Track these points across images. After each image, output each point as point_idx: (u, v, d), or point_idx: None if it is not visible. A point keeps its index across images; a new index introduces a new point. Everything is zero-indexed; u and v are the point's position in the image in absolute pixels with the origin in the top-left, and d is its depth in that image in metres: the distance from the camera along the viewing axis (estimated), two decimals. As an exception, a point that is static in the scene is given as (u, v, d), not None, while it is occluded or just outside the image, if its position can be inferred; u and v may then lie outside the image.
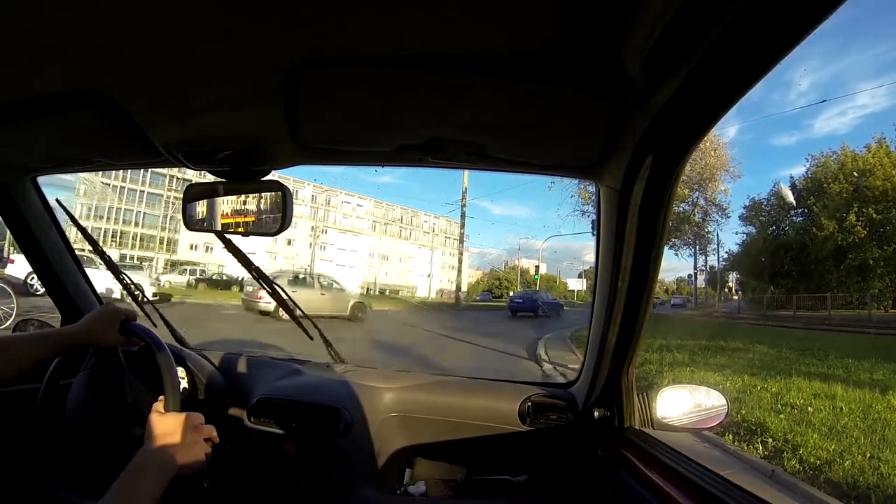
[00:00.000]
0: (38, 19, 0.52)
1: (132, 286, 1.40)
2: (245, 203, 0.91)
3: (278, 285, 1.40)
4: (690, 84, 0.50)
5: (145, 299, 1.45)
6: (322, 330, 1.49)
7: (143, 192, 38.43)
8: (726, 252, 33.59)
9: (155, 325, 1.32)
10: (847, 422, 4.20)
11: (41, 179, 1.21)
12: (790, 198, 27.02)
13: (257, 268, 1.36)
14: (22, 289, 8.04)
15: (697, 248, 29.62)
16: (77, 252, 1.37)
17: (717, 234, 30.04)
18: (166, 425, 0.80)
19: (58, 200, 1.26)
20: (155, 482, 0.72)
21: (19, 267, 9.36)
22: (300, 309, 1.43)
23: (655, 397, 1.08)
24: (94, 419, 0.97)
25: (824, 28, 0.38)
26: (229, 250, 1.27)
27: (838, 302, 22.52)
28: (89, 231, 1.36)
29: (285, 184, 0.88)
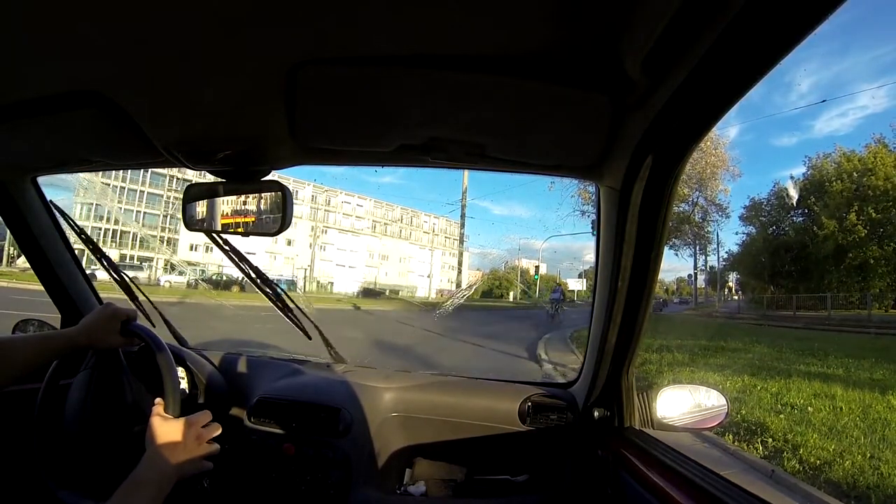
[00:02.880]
0: (38, 19, 0.52)
1: (132, 286, 1.40)
2: (245, 203, 0.91)
3: (277, 285, 1.40)
4: (690, 84, 0.50)
5: (147, 299, 1.45)
6: (322, 331, 1.49)
7: (143, 192, 38.43)
8: (726, 252, 33.63)
9: (153, 326, 1.32)
10: (847, 422, 4.21)
11: (41, 179, 1.21)
12: (792, 191, 27.02)
13: (255, 267, 1.36)
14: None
15: (697, 248, 29.64)
16: (77, 251, 1.37)
17: (717, 234, 30.07)
18: (167, 432, 0.79)
19: (52, 202, 1.25)
20: (155, 493, 0.72)
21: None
22: (300, 309, 1.43)
23: (655, 397, 1.08)
24: (93, 419, 0.97)
25: (824, 30, 0.38)
26: (225, 252, 1.28)
27: (838, 302, 22.48)
28: (89, 230, 1.36)
29: (285, 184, 0.88)
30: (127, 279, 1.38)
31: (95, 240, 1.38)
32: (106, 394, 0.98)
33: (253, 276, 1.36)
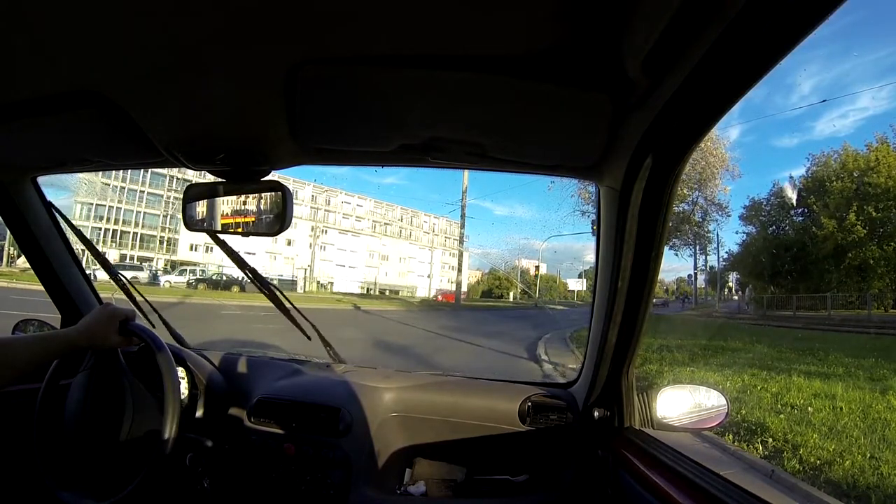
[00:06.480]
0: (39, 19, 0.52)
1: (130, 287, 1.40)
2: (245, 203, 0.91)
3: (275, 286, 1.40)
4: (690, 84, 0.50)
5: (144, 300, 1.45)
6: (320, 331, 1.49)
7: (144, 192, 38.45)
8: (726, 252, 33.61)
9: (153, 326, 1.32)
10: (847, 422, 4.20)
11: (41, 179, 1.21)
12: (790, 194, 27.06)
13: (252, 269, 1.37)
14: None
15: (697, 248, 29.62)
16: (77, 252, 1.37)
17: (717, 234, 30.05)
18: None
19: (51, 203, 1.25)
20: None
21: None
22: (297, 310, 1.42)
23: (655, 397, 1.08)
24: (93, 419, 0.97)
25: (825, 32, 0.38)
26: (225, 251, 1.28)
27: (838, 302, 22.45)
28: (89, 230, 1.36)
29: (285, 184, 0.88)
30: (124, 280, 1.38)
31: (95, 240, 1.38)
32: (105, 394, 0.98)
33: (250, 276, 1.37)
